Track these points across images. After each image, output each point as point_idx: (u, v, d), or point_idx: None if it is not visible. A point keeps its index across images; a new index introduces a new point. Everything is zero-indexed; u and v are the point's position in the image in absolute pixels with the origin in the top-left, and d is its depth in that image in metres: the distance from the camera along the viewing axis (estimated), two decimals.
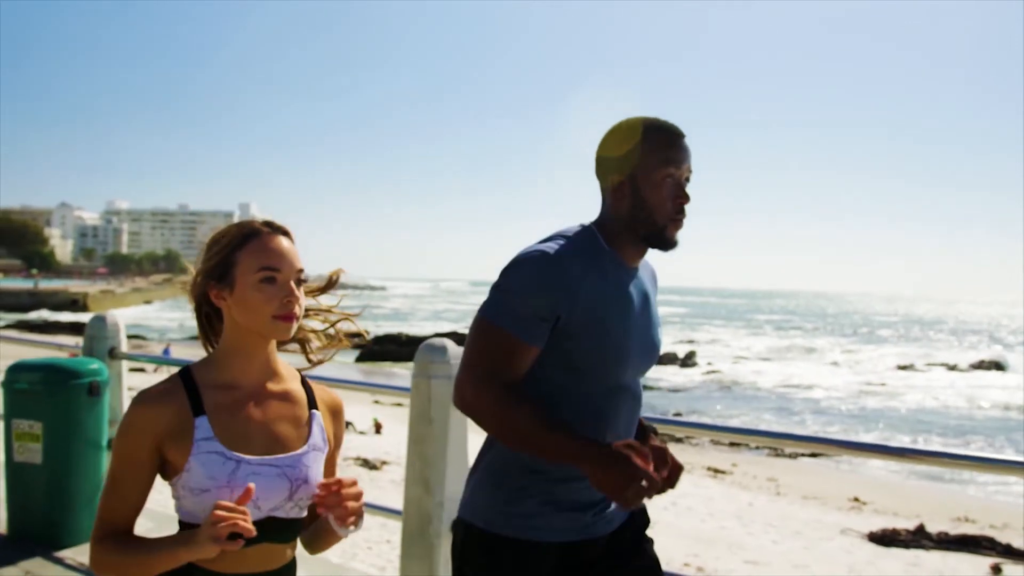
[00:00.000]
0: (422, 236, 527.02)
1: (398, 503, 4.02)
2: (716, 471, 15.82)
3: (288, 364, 1.90)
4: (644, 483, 1.82)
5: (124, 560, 1.69)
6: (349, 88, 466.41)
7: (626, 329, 2.05)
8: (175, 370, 1.85)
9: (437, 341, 3.87)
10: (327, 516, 1.77)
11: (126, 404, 5.25)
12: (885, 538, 10.71)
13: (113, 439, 1.63)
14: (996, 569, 10.08)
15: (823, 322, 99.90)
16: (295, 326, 1.77)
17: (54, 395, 4.74)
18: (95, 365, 4.94)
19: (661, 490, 1.95)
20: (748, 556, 9.18)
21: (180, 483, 1.72)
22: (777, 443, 13.39)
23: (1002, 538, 11.79)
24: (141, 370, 26.49)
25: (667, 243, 2.07)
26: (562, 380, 2.03)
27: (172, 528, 1.75)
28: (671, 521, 10.54)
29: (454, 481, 3.69)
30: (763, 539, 10.24)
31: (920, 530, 11.02)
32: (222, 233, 1.83)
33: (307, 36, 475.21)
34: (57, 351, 7.68)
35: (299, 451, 1.80)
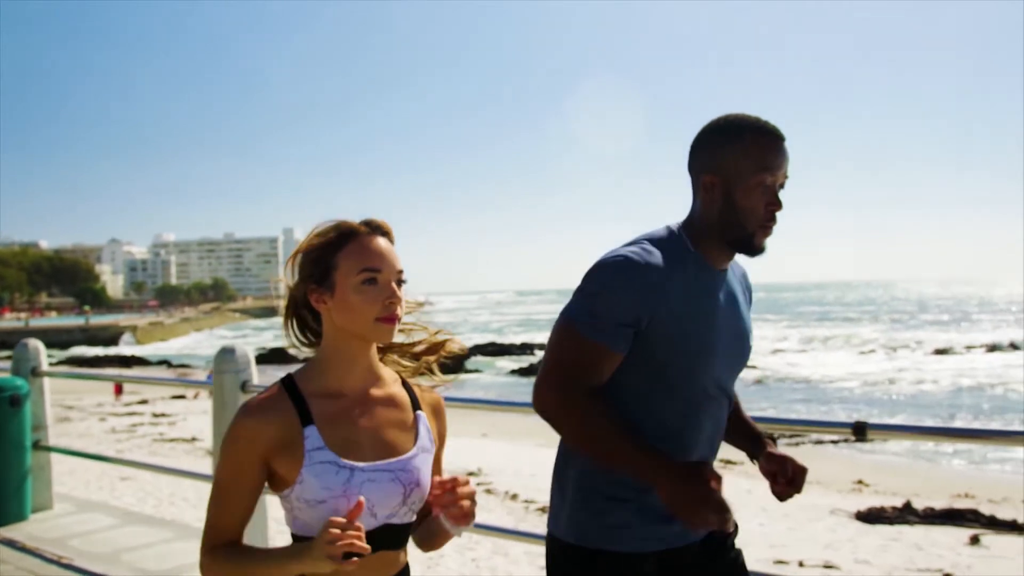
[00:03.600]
0: (467, 249, 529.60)
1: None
2: (727, 462, 16.22)
3: (386, 367, 1.88)
4: (715, 505, 1.83)
5: (235, 570, 1.68)
6: (385, 107, 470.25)
7: (711, 334, 2.01)
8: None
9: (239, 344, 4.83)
10: (439, 515, 1.75)
11: (49, 414, 6.20)
12: (871, 516, 11.05)
13: (220, 448, 1.69)
14: (974, 539, 10.47)
15: (864, 311, 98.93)
16: (397, 328, 1.75)
17: None
18: (19, 382, 6.06)
19: (789, 495, 2.05)
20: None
21: (293, 496, 1.69)
22: (769, 427, 13.72)
23: (999, 512, 12.13)
24: (182, 396, 27.48)
25: (754, 249, 2.03)
26: (645, 387, 2.00)
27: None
28: None
29: None
30: (751, 523, 10.66)
31: (907, 507, 11.38)
32: (319, 234, 1.77)
33: (340, 60, 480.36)
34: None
35: (409, 454, 1.77)
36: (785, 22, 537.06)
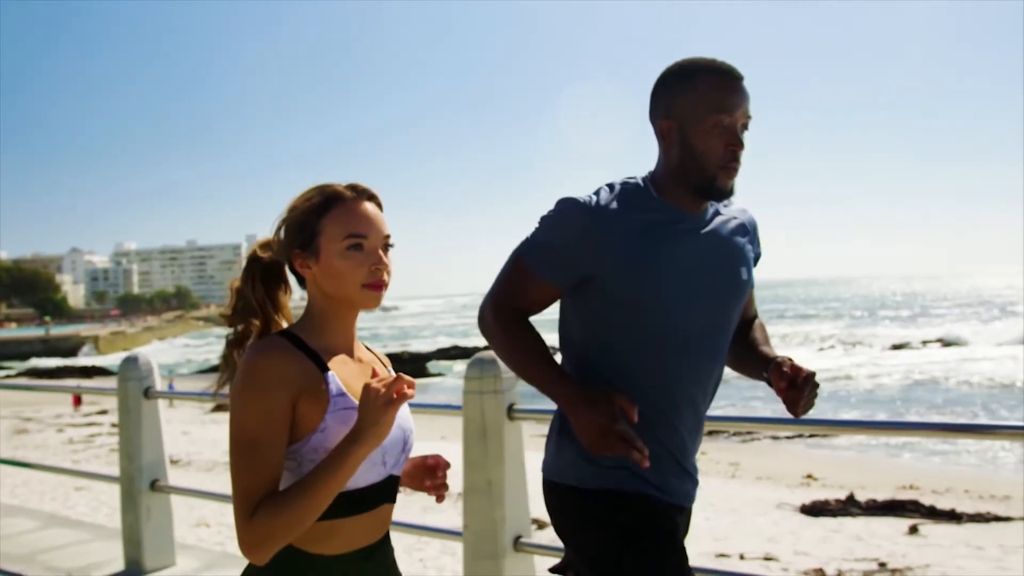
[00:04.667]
0: (434, 253, 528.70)
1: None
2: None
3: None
4: (619, 434, 1.84)
5: (291, 514, 1.53)
6: (352, 110, 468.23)
7: (679, 278, 1.97)
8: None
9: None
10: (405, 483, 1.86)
11: None
12: (815, 509, 11.33)
13: (236, 398, 1.57)
14: (913, 529, 10.79)
15: (827, 308, 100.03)
16: (384, 294, 1.71)
17: None
18: None
19: (797, 401, 1.97)
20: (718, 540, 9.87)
21: (310, 446, 1.60)
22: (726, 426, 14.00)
23: (940, 502, 12.47)
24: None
25: (718, 192, 1.99)
26: (615, 333, 1.99)
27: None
28: None
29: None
30: (697, 518, 10.92)
31: (850, 499, 11.67)
32: (304, 199, 1.72)
33: (306, 63, 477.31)
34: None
35: None
36: (777, 19, 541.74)
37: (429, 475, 1.88)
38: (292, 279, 1.82)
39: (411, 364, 41.35)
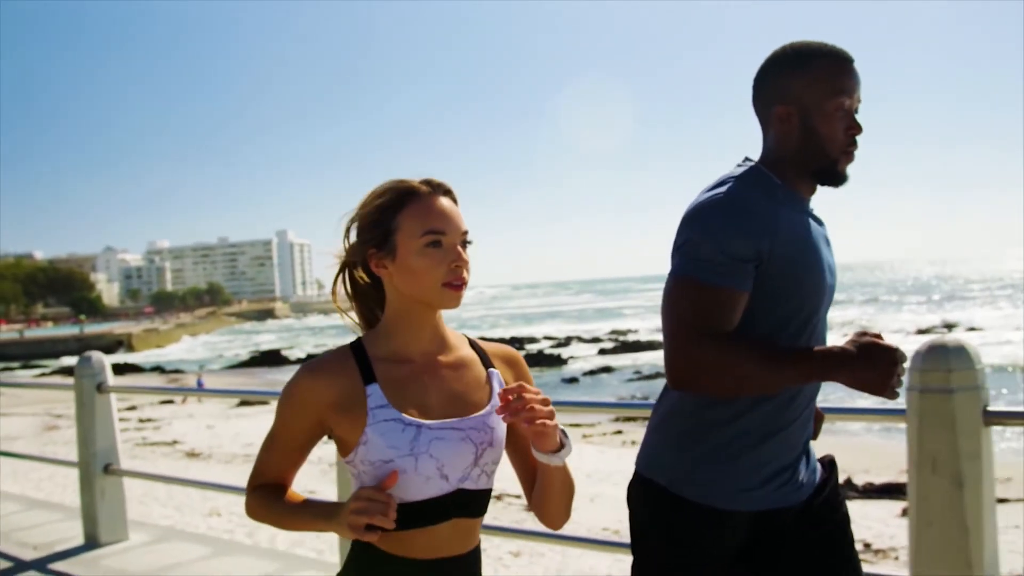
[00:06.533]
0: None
1: None
2: None
3: (455, 331, 1.77)
4: (899, 377, 1.78)
5: (270, 513, 1.69)
6: (376, 107, 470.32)
7: (819, 262, 1.94)
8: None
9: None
10: (532, 447, 1.63)
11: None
12: None
13: (278, 401, 1.66)
14: (906, 511, 10.95)
15: (859, 293, 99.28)
16: (463, 293, 1.64)
17: None
18: None
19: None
20: None
21: (358, 459, 1.61)
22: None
23: None
24: (170, 402, 27.95)
25: (839, 177, 1.96)
26: (767, 324, 1.90)
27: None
28: (609, 492, 11.59)
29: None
30: None
31: (847, 482, 11.90)
32: (377, 195, 1.66)
33: (331, 61, 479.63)
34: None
35: (483, 412, 1.67)
36: (777, 8, 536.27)
37: (524, 415, 1.56)
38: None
39: None
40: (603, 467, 14.06)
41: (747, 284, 1.85)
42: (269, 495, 1.69)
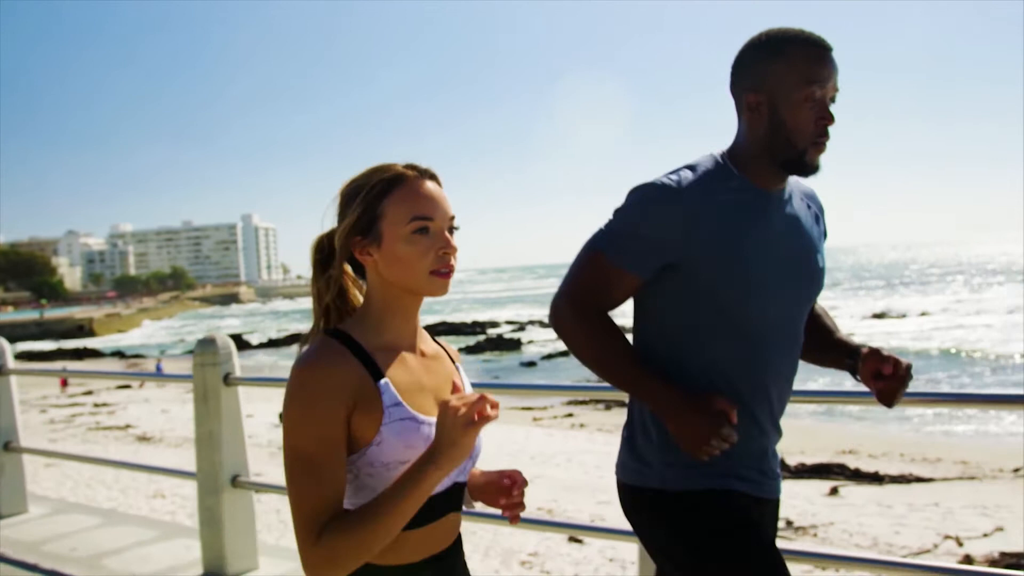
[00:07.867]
0: None
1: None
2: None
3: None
4: (724, 436, 1.77)
5: (362, 536, 1.41)
6: (344, 91, 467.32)
7: (763, 260, 1.89)
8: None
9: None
10: (469, 497, 1.70)
11: None
12: None
13: (289, 413, 1.46)
14: (834, 490, 11.38)
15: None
16: (451, 280, 1.57)
17: None
18: None
19: (895, 392, 1.91)
20: (602, 498, 10.49)
21: (363, 460, 1.49)
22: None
23: (876, 465, 13.05)
24: (127, 386, 28.03)
25: (807, 168, 1.90)
26: (699, 323, 1.90)
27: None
28: (550, 473, 11.90)
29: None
30: (609, 478, 11.51)
31: (781, 463, 12.29)
32: (360, 181, 1.58)
33: (299, 43, 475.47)
34: None
35: None
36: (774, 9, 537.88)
37: (503, 494, 1.71)
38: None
39: None
40: (548, 449, 14.42)
41: (638, 267, 1.88)
42: (344, 522, 1.42)
